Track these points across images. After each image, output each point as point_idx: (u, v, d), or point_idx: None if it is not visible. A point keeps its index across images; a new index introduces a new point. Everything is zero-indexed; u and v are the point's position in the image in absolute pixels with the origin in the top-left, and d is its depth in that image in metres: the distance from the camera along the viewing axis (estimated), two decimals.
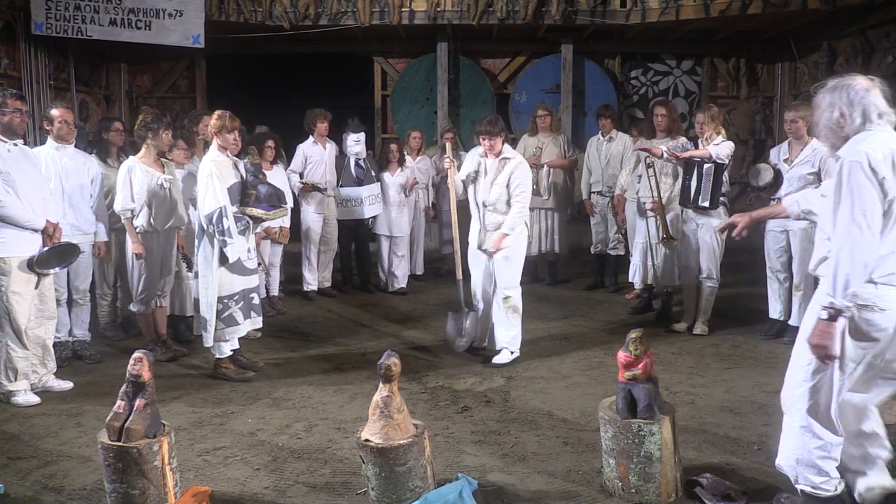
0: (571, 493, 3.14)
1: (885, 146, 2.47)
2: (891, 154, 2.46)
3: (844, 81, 2.64)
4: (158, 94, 9.91)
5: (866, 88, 2.60)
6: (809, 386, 2.68)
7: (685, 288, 5.76)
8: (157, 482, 2.87)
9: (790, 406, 2.77)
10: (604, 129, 7.15)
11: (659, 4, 8.41)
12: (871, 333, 2.53)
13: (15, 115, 4.17)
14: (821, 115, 2.67)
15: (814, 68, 8.86)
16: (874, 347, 2.55)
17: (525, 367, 4.91)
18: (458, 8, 8.72)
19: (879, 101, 2.59)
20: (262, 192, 4.75)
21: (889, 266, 2.49)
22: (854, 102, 2.58)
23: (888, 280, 2.49)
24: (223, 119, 4.60)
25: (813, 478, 2.71)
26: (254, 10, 8.47)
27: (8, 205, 4.09)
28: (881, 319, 2.51)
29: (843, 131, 2.60)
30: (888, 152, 2.46)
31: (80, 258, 4.73)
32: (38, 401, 4.25)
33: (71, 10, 7.58)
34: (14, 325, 4.20)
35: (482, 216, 5.04)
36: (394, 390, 2.95)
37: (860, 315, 2.51)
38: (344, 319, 6.35)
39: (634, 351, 3.07)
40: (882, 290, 2.50)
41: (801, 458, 2.72)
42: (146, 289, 5.02)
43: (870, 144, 2.49)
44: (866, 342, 2.55)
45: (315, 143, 6.88)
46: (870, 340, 2.54)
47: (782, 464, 2.84)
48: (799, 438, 2.72)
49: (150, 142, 4.98)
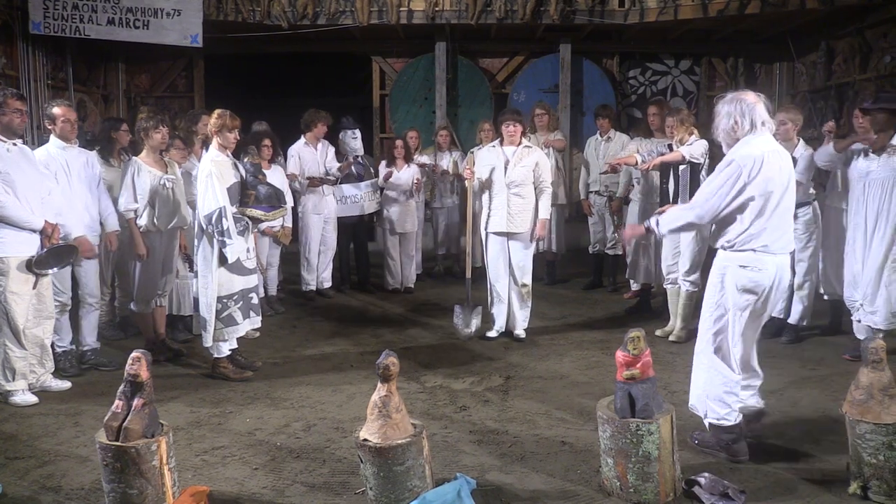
0: (570, 492, 3.14)
1: (763, 148, 3.27)
2: (766, 154, 3.25)
3: (739, 96, 3.36)
4: (156, 94, 9.89)
5: (755, 102, 3.31)
6: (713, 333, 3.38)
7: (669, 293, 5.69)
8: (155, 482, 2.86)
9: (699, 352, 3.42)
10: (602, 128, 7.15)
11: (657, 4, 8.40)
12: (754, 289, 3.31)
13: (15, 114, 4.16)
14: (720, 121, 3.38)
15: (812, 68, 8.86)
16: (756, 298, 3.33)
17: (523, 367, 4.92)
18: (456, 7, 8.70)
19: (763, 113, 3.31)
20: (262, 193, 4.74)
21: (764, 239, 3.27)
22: (745, 113, 3.30)
23: (764, 249, 3.28)
24: (224, 118, 4.60)
25: (719, 410, 3.36)
26: (252, 9, 8.46)
27: (7, 205, 4.08)
28: (760, 277, 3.30)
29: (736, 135, 3.34)
30: (767, 151, 3.26)
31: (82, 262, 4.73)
32: (36, 401, 4.25)
33: (69, 10, 7.56)
34: (12, 324, 4.20)
35: (507, 199, 5.37)
36: (392, 390, 2.95)
37: (746, 275, 3.29)
38: (342, 319, 6.34)
39: (633, 350, 3.07)
40: (759, 256, 3.29)
41: (709, 394, 3.38)
42: (146, 289, 5.02)
43: (753, 148, 3.26)
44: (751, 295, 3.32)
45: (307, 145, 6.85)
46: (753, 294, 3.32)
47: (694, 403, 3.49)
48: (707, 378, 3.38)
49: (146, 143, 4.99)
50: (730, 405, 3.34)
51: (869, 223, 4.75)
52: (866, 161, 4.79)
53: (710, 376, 3.37)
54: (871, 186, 4.73)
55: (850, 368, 4.57)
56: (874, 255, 4.72)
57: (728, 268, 3.34)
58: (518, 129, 5.43)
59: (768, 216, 3.26)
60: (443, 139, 7.83)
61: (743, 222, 3.28)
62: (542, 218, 5.44)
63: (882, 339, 3.11)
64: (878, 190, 4.70)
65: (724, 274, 3.36)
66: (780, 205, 3.29)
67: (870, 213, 4.74)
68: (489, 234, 5.52)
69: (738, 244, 3.30)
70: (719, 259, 3.40)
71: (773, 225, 3.28)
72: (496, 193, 5.42)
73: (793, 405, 4.14)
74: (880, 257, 4.70)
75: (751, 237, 3.27)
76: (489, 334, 5.57)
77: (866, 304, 4.78)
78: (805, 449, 3.53)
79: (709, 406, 3.37)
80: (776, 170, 3.27)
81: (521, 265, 5.48)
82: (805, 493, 3.09)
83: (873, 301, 4.73)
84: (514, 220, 5.38)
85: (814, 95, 8.78)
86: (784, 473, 3.27)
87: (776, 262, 3.31)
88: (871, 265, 4.73)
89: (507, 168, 5.39)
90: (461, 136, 9.28)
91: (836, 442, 3.51)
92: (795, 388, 4.43)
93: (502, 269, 5.51)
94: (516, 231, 5.41)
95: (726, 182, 3.26)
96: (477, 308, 5.65)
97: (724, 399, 3.34)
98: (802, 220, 5.26)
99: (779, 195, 3.28)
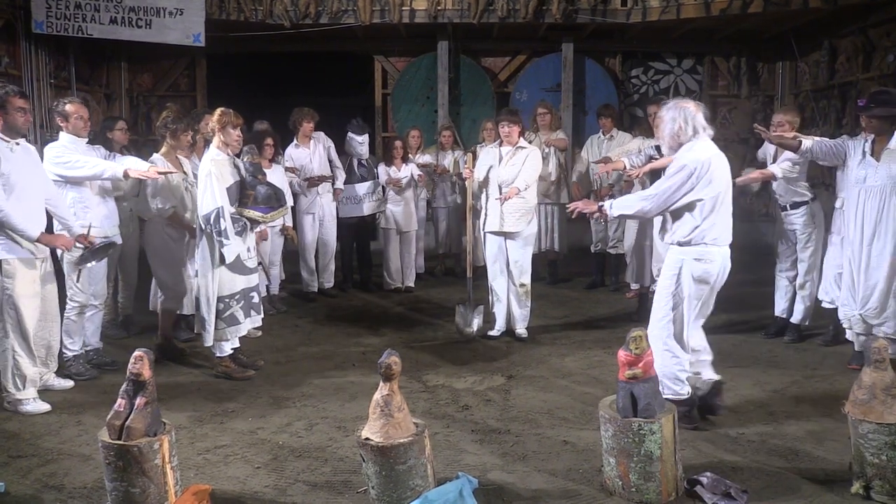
0: (572, 491, 3.14)
1: (709, 152, 3.63)
2: (712, 157, 3.61)
3: (681, 104, 3.71)
4: (159, 93, 9.90)
5: (696, 110, 3.66)
6: (668, 319, 3.71)
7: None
8: (157, 480, 2.87)
9: (654, 337, 3.62)
10: (604, 128, 7.15)
11: (659, 3, 8.39)
12: (705, 279, 3.66)
13: (18, 113, 4.08)
14: (665, 126, 3.72)
15: (815, 67, 8.85)
16: (707, 289, 3.69)
17: (525, 366, 4.92)
18: (458, 6, 8.70)
19: (702, 120, 3.65)
20: (261, 194, 4.73)
21: (715, 233, 3.63)
22: (688, 119, 3.63)
23: (715, 242, 3.64)
24: (227, 115, 4.61)
25: (674, 387, 3.70)
26: (254, 8, 8.46)
27: (7, 212, 3.97)
28: (711, 268, 3.65)
29: (679, 139, 3.68)
30: (712, 155, 3.62)
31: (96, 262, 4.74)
32: (48, 408, 4.14)
33: (71, 9, 7.57)
34: (22, 328, 4.10)
35: (501, 205, 5.34)
36: (394, 389, 2.95)
37: (701, 266, 3.63)
38: (344, 318, 6.35)
39: (635, 350, 3.07)
40: (711, 248, 3.64)
41: (666, 373, 3.65)
42: (177, 286, 5.10)
43: (700, 153, 3.60)
44: (704, 284, 3.67)
45: (297, 146, 6.82)
46: (706, 283, 3.68)
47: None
48: (662, 360, 3.62)
49: (170, 141, 5.01)
50: (683, 381, 3.74)
51: (867, 232, 4.48)
52: (862, 167, 4.53)
53: (665, 359, 3.68)
54: (868, 194, 4.47)
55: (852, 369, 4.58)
56: (878, 267, 4.45)
57: (684, 261, 3.67)
58: (514, 130, 5.41)
59: (717, 213, 3.62)
60: (446, 139, 7.83)
61: (695, 219, 3.62)
62: (514, 186, 5.30)
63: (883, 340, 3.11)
64: (876, 198, 4.43)
65: (680, 267, 3.68)
66: (725, 202, 3.66)
67: (867, 222, 4.48)
68: (486, 233, 5.55)
69: (693, 240, 3.64)
70: (674, 254, 3.73)
71: (720, 220, 3.65)
72: (492, 193, 5.45)
73: (795, 404, 4.14)
74: (886, 267, 4.42)
75: (704, 232, 3.62)
76: (491, 333, 5.58)
77: (871, 317, 4.51)
78: (807, 449, 3.53)
79: (665, 384, 3.65)
80: (722, 171, 3.65)
81: (519, 265, 5.49)
82: (807, 493, 3.09)
83: (881, 313, 4.47)
84: (509, 220, 5.38)
85: (816, 95, 8.77)
86: (786, 473, 3.27)
87: (722, 253, 3.69)
88: (875, 275, 4.46)
89: (500, 168, 5.42)
90: (463, 135, 9.28)
91: (838, 442, 3.51)
92: (798, 388, 4.42)
93: (500, 269, 5.53)
94: (511, 231, 5.42)
95: (677, 183, 3.60)
96: (479, 307, 5.66)
97: (679, 376, 3.71)
98: (801, 220, 5.23)
99: (724, 194, 3.65)
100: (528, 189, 5.41)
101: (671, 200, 3.63)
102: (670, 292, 3.70)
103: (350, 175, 7.00)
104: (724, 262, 3.69)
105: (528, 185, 5.38)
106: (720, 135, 10.80)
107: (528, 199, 5.43)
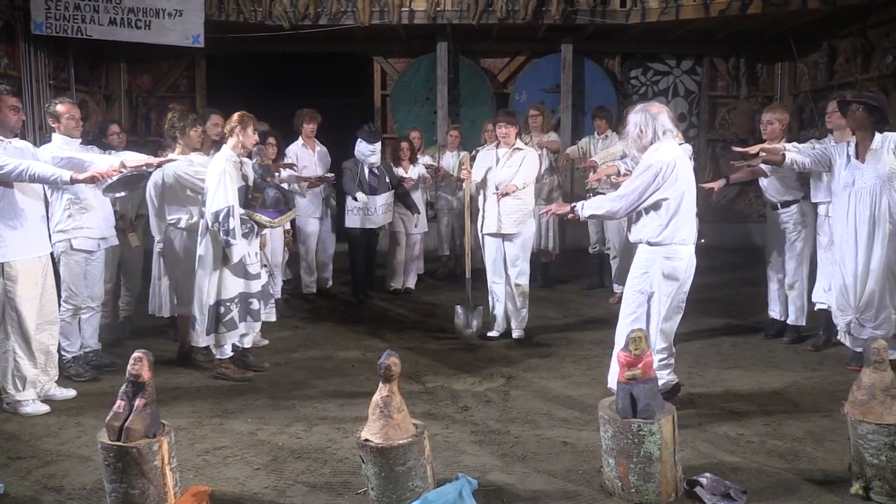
0: (571, 492, 3.14)
1: (673, 154, 3.74)
2: (676, 159, 3.72)
3: (645, 107, 3.82)
4: (158, 94, 9.91)
5: (658, 112, 3.77)
6: (633, 318, 3.83)
7: None
8: (156, 482, 2.86)
9: (623, 335, 3.60)
10: (599, 129, 7.16)
11: (659, 4, 8.41)
12: (675, 276, 3.78)
13: (10, 111, 4.04)
14: (629, 129, 3.84)
15: (814, 68, 8.86)
16: (677, 286, 3.80)
17: (524, 367, 4.91)
18: (457, 8, 8.72)
19: (667, 122, 3.76)
20: (270, 197, 4.72)
21: (682, 234, 3.76)
22: (648, 123, 3.75)
23: (682, 241, 3.77)
24: (249, 117, 4.68)
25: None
26: (253, 9, 8.47)
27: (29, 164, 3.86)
28: (680, 265, 3.78)
29: (642, 142, 3.79)
30: (676, 156, 3.74)
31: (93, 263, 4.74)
32: (47, 409, 4.14)
33: (70, 10, 7.58)
34: (23, 329, 4.09)
35: (498, 201, 5.35)
36: (393, 390, 2.95)
37: (670, 264, 3.76)
38: (343, 320, 6.34)
39: (634, 351, 3.07)
40: (678, 247, 3.77)
41: None
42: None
43: (665, 154, 3.71)
44: (674, 281, 3.79)
45: (303, 146, 6.82)
46: (675, 280, 3.79)
47: (612, 386, 3.74)
48: None
49: (181, 141, 4.95)
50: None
51: (861, 236, 4.39)
52: (849, 171, 4.42)
53: None
54: (859, 197, 4.38)
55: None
56: (875, 270, 4.38)
57: (655, 260, 3.80)
58: (511, 131, 5.40)
59: (683, 213, 3.76)
60: (452, 139, 7.85)
61: (661, 218, 3.76)
62: (513, 184, 5.30)
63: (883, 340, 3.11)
64: (867, 200, 4.34)
65: (650, 265, 3.82)
66: (689, 202, 3.79)
67: (860, 225, 4.38)
68: (484, 235, 5.54)
69: (663, 240, 3.77)
70: (644, 253, 3.87)
71: (685, 220, 3.77)
72: (489, 195, 5.45)
73: (794, 405, 4.14)
74: (884, 270, 4.36)
75: (672, 232, 3.76)
76: (490, 334, 5.58)
77: (867, 320, 4.45)
78: (807, 449, 3.52)
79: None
80: (686, 171, 3.78)
81: (516, 266, 5.48)
82: (807, 494, 3.09)
83: (877, 315, 4.41)
84: (507, 222, 5.37)
85: (815, 95, 8.78)
86: (786, 474, 3.27)
87: (689, 251, 3.83)
88: (872, 279, 4.39)
89: (497, 170, 5.42)
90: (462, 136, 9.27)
91: (837, 442, 3.51)
92: (797, 389, 4.42)
93: (498, 270, 5.53)
94: (508, 232, 5.40)
95: (644, 183, 3.72)
96: (478, 308, 5.66)
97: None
98: (791, 219, 5.20)
99: (688, 194, 3.78)
100: (526, 190, 5.41)
101: (640, 200, 3.75)
102: (639, 290, 3.85)
103: (360, 184, 6.62)
104: (690, 260, 3.83)
105: (527, 185, 5.39)
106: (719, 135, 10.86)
107: (525, 201, 5.43)
